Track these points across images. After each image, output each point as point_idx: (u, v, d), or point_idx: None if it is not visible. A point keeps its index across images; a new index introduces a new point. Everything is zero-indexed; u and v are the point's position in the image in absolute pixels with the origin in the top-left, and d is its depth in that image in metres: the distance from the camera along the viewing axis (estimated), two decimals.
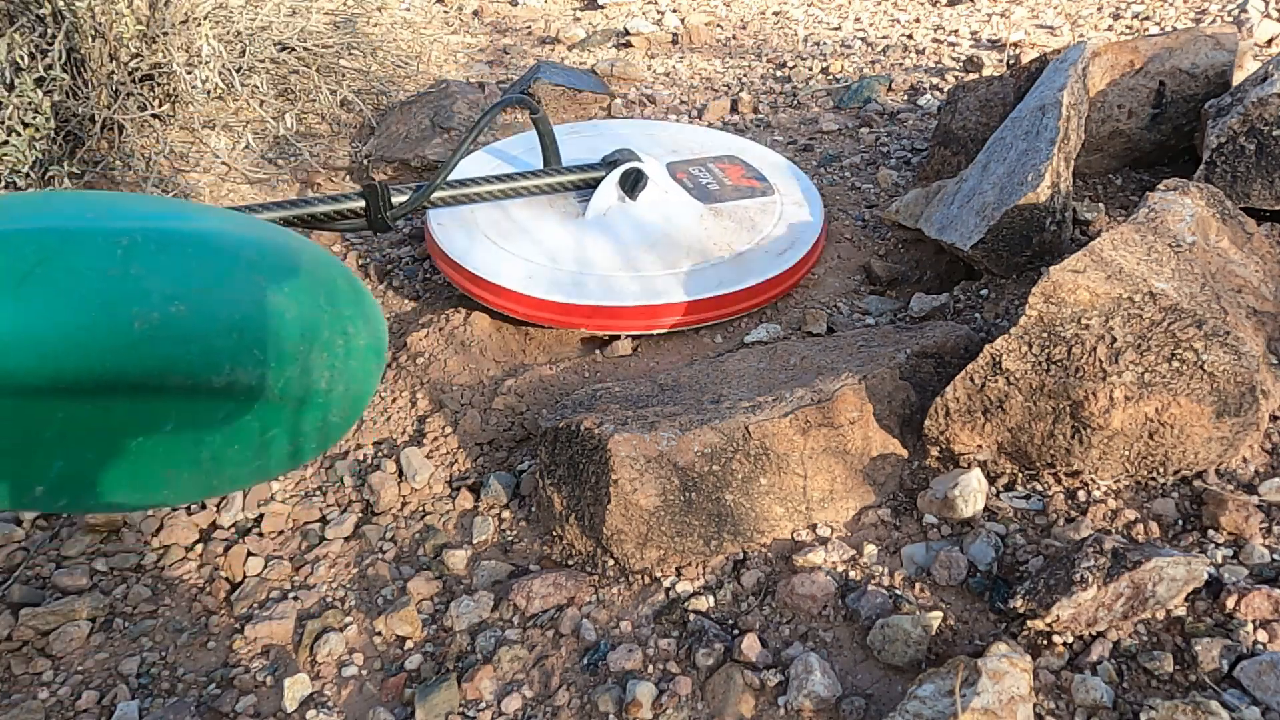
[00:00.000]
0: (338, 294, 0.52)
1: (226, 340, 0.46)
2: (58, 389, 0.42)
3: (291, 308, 0.49)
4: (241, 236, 0.49)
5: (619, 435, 0.88)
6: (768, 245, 1.25)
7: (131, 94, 1.73)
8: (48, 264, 0.43)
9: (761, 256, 1.24)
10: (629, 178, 1.29)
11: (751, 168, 1.42)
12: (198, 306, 0.45)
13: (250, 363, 0.46)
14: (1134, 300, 0.84)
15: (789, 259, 1.24)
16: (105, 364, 0.43)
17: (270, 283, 0.48)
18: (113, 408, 0.43)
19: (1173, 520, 0.83)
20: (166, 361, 0.44)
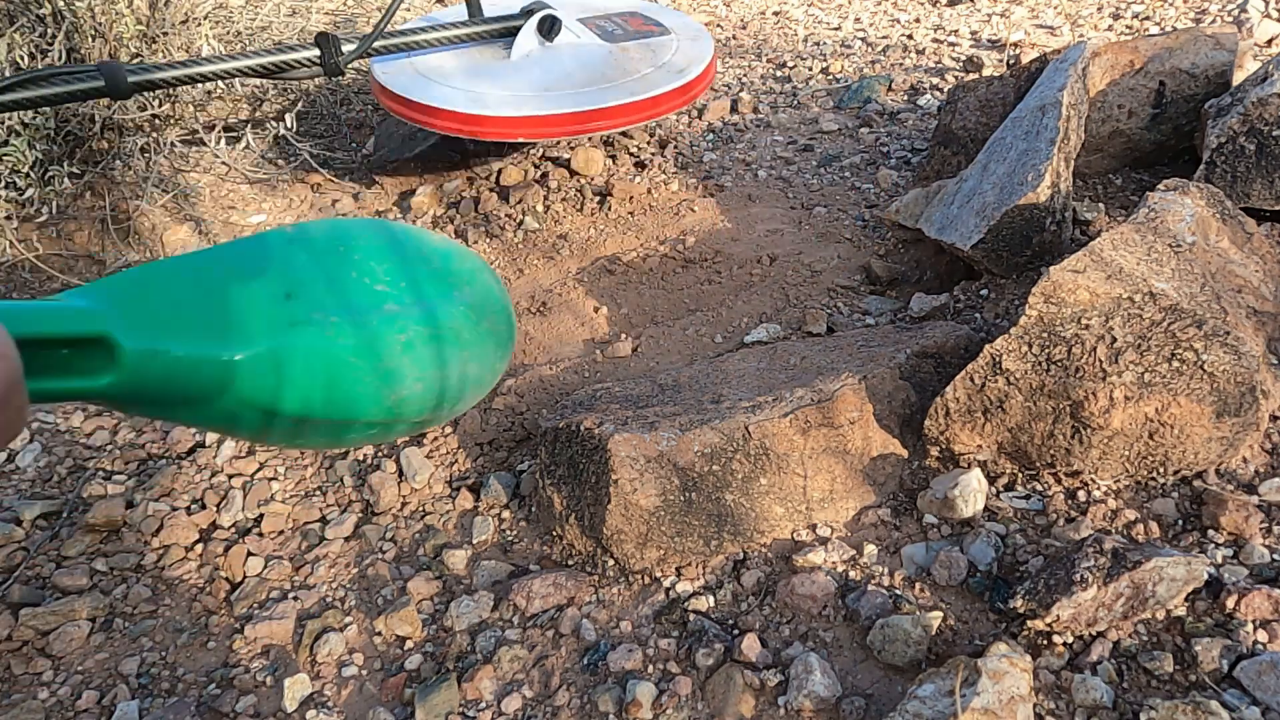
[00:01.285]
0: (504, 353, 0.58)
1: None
2: None
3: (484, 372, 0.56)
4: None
5: (619, 435, 0.88)
6: (668, 68, 1.49)
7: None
8: None
9: (664, 75, 1.46)
10: (546, 23, 1.48)
11: (649, 18, 1.65)
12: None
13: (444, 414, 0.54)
14: (1134, 300, 0.84)
15: (687, 76, 1.47)
16: None
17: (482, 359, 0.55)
18: None
19: (1173, 520, 0.83)
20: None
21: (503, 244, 1.54)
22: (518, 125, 1.37)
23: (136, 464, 1.14)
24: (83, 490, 1.09)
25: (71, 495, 1.09)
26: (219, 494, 1.07)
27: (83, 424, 1.20)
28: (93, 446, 1.17)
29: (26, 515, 1.05)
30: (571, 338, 1.28)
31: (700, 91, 1.50)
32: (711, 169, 1.75)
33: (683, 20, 1.64)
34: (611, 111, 1.38)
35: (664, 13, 1.65)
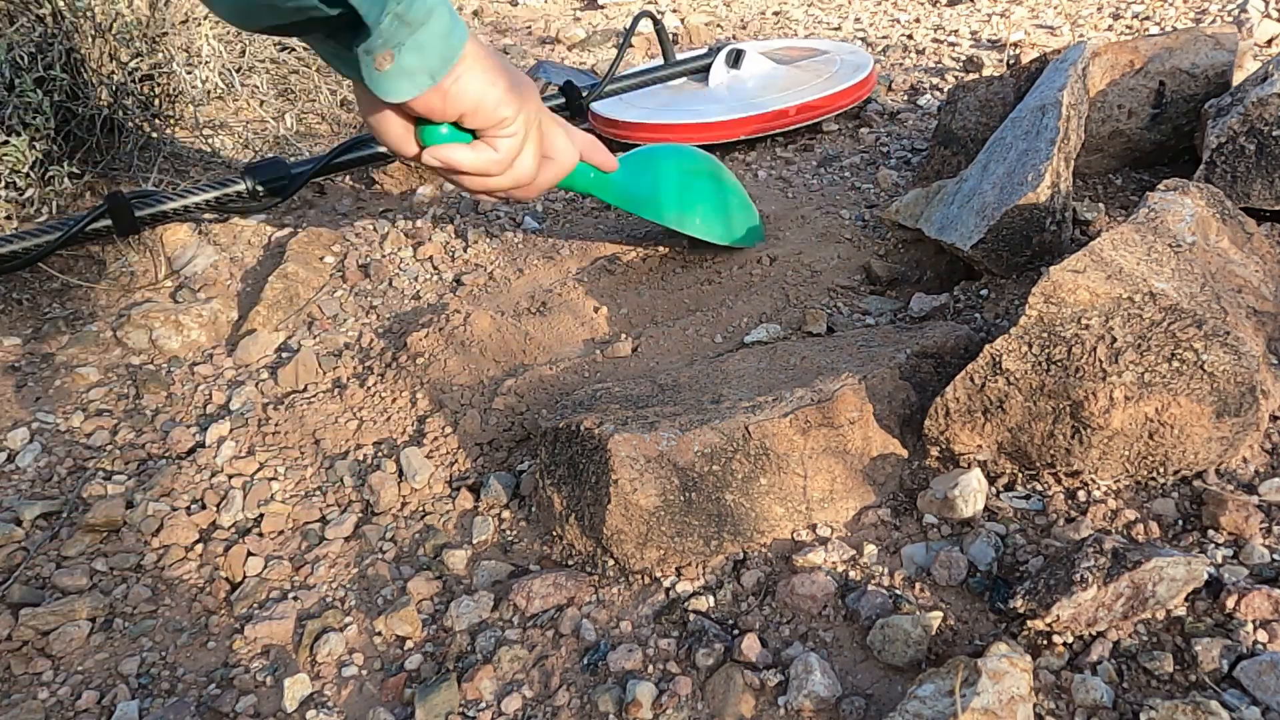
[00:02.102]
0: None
1: None
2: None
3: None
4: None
5: (619, 435, 0.88)
6: (835, 77, 1.85)
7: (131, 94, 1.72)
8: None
9: (831, 81, 1.83)
10: (732, 55, 1.90)
11: (810, 48, 2.04)
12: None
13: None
14: (1134, 300, 0.84)
15: (853, 80, 1.82)
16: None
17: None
18: None
19: (1173, 520, 0.83)
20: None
21: (503, 244, 1.54)
22: (734, 127, 1.75)
23: (136, 464, 1.14)
24: (83, 490, 1.09)
25: (71, 495, 1.09)
26: (219, 494, 1.07)
27: (83, 424, 1.20)
28: (93, 446, 1.17)
29: (26, 515, 1.05)
30: (571, 338, 1.28)
31: (865, 92, 1.87)
32: None
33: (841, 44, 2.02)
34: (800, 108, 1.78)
35: (822, 42, 2.08)
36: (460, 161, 0.72)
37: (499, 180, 0.76)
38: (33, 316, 1.44)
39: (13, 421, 1.21)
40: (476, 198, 1.65)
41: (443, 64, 0.64)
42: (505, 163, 0.74)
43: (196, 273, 1.49)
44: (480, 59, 0.67)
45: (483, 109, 0.69)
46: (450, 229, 1.61)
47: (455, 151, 0.72)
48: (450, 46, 0.64)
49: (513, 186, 0.77)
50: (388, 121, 0.70)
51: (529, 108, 0.73)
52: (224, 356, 1.32)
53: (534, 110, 0.74)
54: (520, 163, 0.75)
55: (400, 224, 1.64)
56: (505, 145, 0.73)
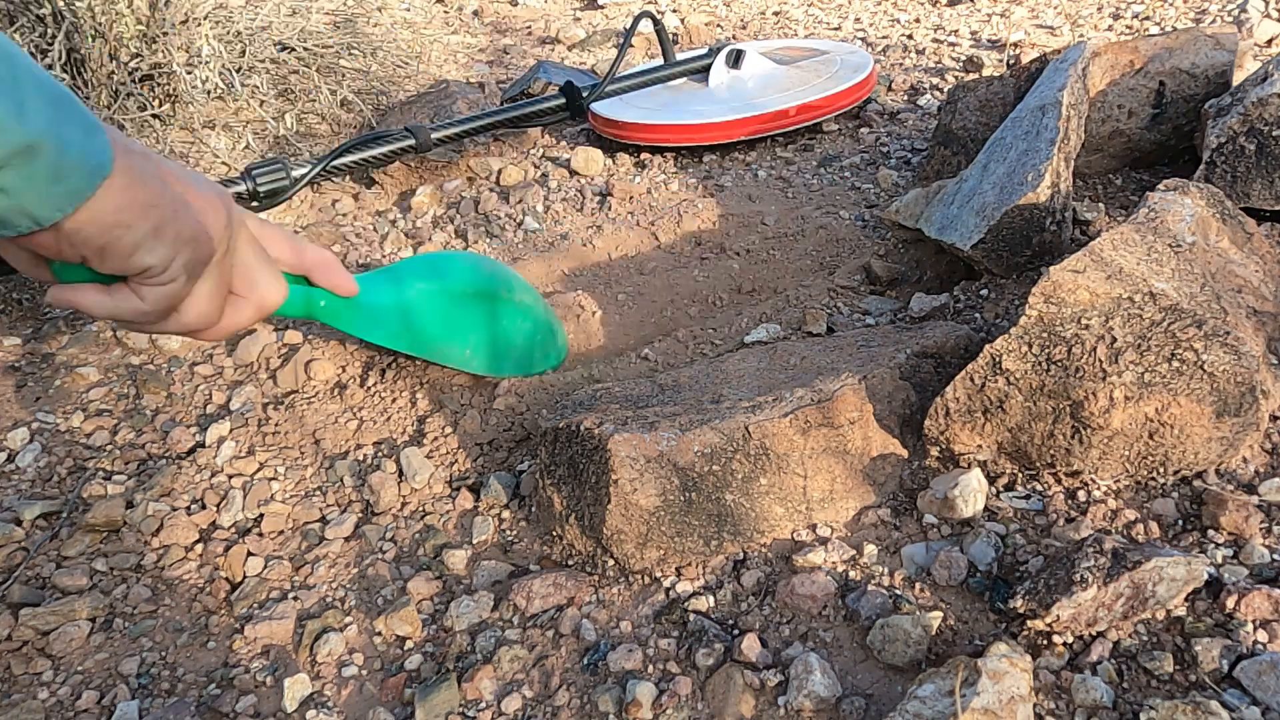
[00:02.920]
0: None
1: None
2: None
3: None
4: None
5: (619, 435, 0.88)
6: (835, 77, 1.85)
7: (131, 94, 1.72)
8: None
9: (832, 81, 1.83)
10: (732, 55, 1.89)
11: (810, 48, 2.04)
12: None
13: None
14: (1134, 300, 0.84)
15: (853, 80, 1.83)
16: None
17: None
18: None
19: (1173, 520, 0.83)
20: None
21: (503, 244, 1.54)
22: (734, 127, 1.75)
23: (136, 464, 1.14)
24: (83, 490, 1.09)
25: (71, 495, 1.09)
26: (219, 494, 1.07)
27: (83, 424, 1.20)
28: (93, 446, 1.17)
29: (26, 515, 1.05)
30: (571, 338, 1.28)
31: (866, 92, 1.88)
32: (711, 169, 1.75)
33: (841, 45, 2.02)
34: (800, 109, 1.78)
35: (823, 42, 2.07)
36: (92, 308, 0.59)
37: (159, 327, 0.63)
38: (33, 316, 1.44)
39: (13, 421, 1.21)
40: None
41: (51, 208, 0.50)
42: (156, 314, 0.60)
43: None
44: (122, 194, 0.53)
45: (113, 257, 0.54)
46: (450, 229, 1.61)
47: (86, 296, 0.58)
48: (63, 190, 0.50)
49: (185, 332, 0.64)
50: (8, 248, 0.56)
51: (195, 249, 0.58)
52: (224, 356, 1.32)
53: (206, 248, 0.60)
54: (187, 310, 0.61)
55: (400, 224, 1.64)
56: (154, 295, 0.58)
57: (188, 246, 0.58)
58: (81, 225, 0.52)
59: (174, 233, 0.56)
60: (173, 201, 0.56)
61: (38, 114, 0.48)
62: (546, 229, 1.58)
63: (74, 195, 0.51)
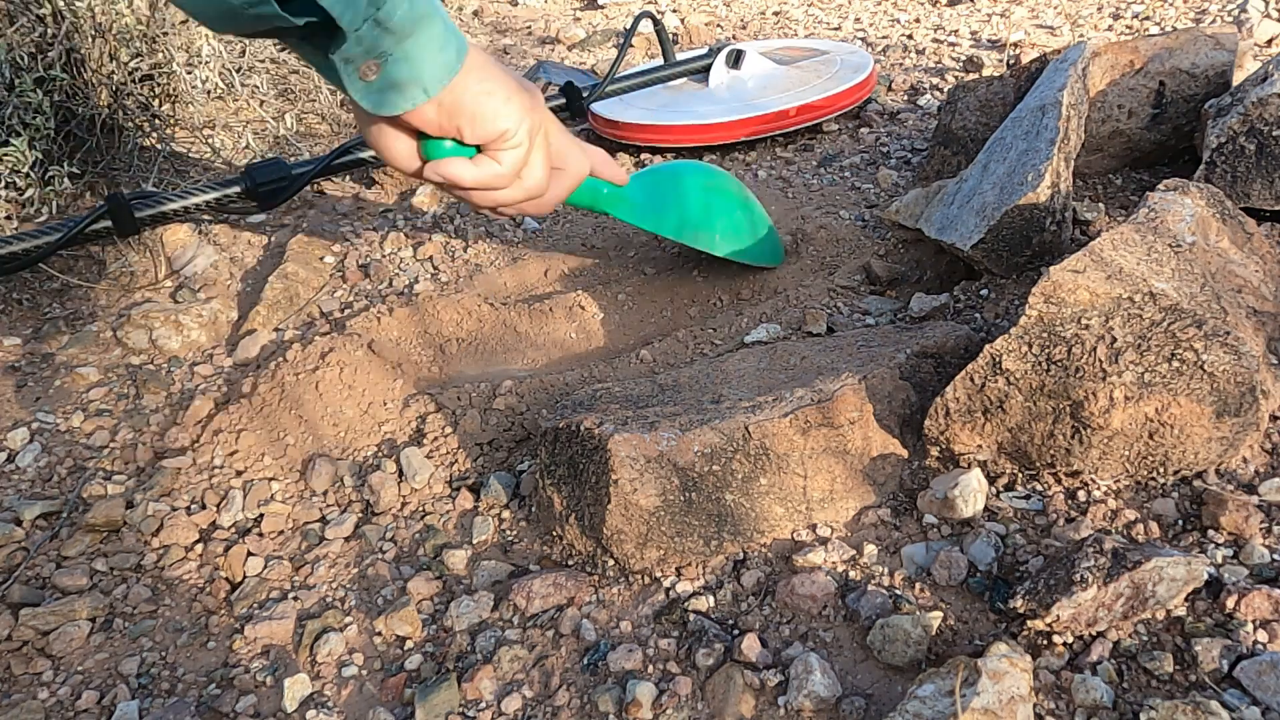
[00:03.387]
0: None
1: None
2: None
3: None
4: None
5: (619, 435, 0.88)
6: (835, 76, 1.85)
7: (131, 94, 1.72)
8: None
9: (832, 81, 1.83)
10: (732, 55, 1.89)
11: (810, 48, 2.04)
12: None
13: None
14: (1134, 300, 0.84)
15: (855, 78, 1.83)
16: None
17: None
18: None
19: (1173, 520, 0.83)
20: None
21: (503, 244, 1.54)
22: (734, 128, 1.75)
23: (136, 464, 1.14)
24: (83, 490, 1.09)
25: (71, 495, 1.09)
26: (219, 494, 1.07)
27: (83, 424, 1.20)
28: (93, 446, 1.17)
29: (26, 515, 1.05)
30: (571, 337, 1.28)
31: (866, 93, 1.88)
32: None
33: (841, 45, 2.02)
34: (800, 109, 1.78)
35: (823, 42, 2.08)
36: (463, 177, 0.69)
37: (507, 194, 0.73)
38: (33, 316, 1.44)
39: (13, 421, 1.21)
40: (485, 214, 1.62)
41: (437, 78, 0.61)
42: (510, 177, 0.71)
43: (196, 273, 1.49)
44: (479, 69, 0.64)
45: (481, 122, 0.66)
46: (450, 229, 1.61)
47: (457, 167, 0.69)
48: (445, 60, 0.61)
49: (523, 200, 0.75)
50: (385, 136, 0.67)
51: (533, 117, 0.70)
52: (224, 356, 1.32)
53: (539, 120, 0.71)
54: (528, 175, 0.73)
55: (400, 224, 1.64)
56: (509, 158, 0.70)
57: (528, 114, 0.69)
58: (457, 94, 0.63)
59: (519, 101, 0.68)
60: (511, 77, 0.68)
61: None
62: (547, 229, 1.58)
63: (450, 66, 0.62)
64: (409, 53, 0.59)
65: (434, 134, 0.67)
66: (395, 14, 0.56)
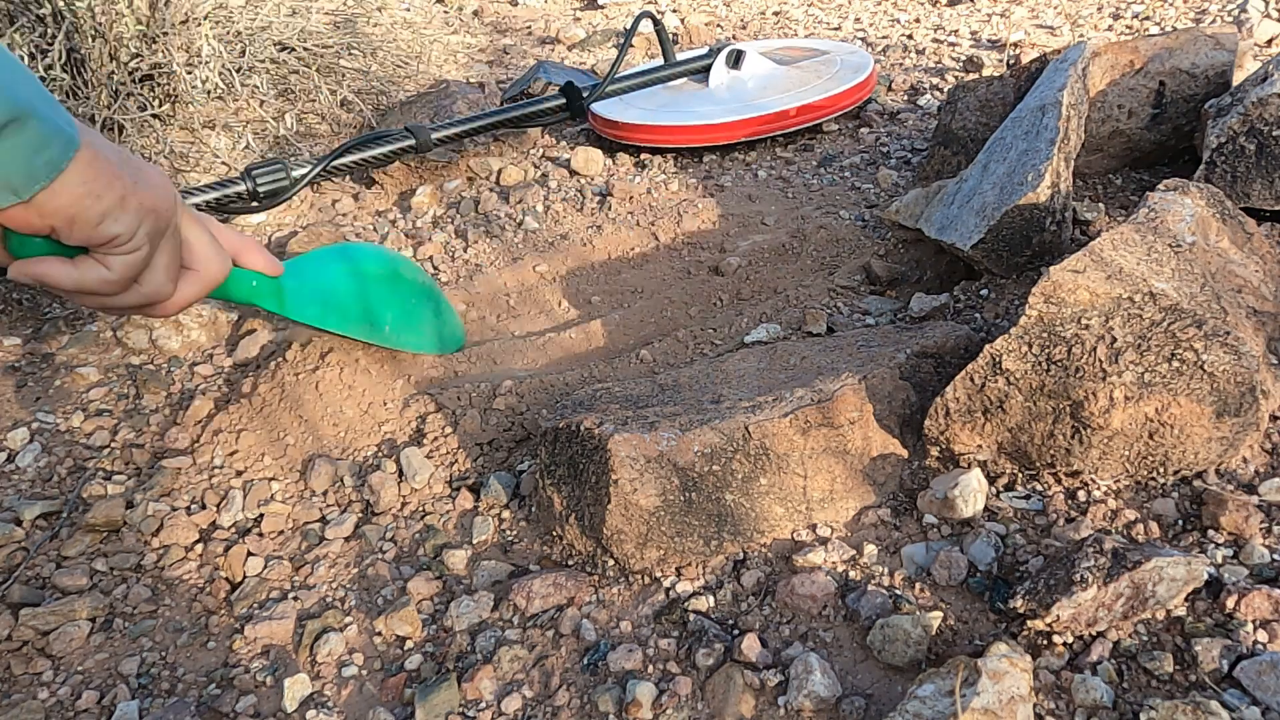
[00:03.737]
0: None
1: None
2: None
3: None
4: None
5: (619, 435, 0.88)
6: (835, 76, 1.85)
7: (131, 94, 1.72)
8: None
9: (832, 81, 1.83)
10: (733, 55, 1.89)
11: (810, 48, 2.04)
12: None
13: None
14: (1134, 300, 0.84)
15: (855, 78, 1.83)
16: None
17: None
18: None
19: (1173, 520, 0.83)
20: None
21: (503, 244, 1.54)
22: (735, 128, 1.74)
23: (136, 464, 1.14)
24: (83, 490, 1.09)
25: (71, 495, 1.09)
26: (219, 494, 1.07)
27: (83, 424, 1.20)
28: (93, 446, 1.17)
29: (26, 515, 1.05)
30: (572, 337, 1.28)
31: (866, 93, 1.88)
32: (711, 169, 1.75)
33: (841, 45, 2.02)
34: (801, 109, 1.78)
35: (823, 42, 2.08)
36: (58, 280, 0.61)
37: (120, 299, 0.64)
38: (33, 316, 1.44)
39: (13, 421, 1.21)
40: (97, 311, 1.41)
41: (31, 180, 0.54)
42: (121, 283, 0.63)
43: None
44: (88, 167, 0.56)
45: (81, 224, 0.57)
46: (450, 229, 1.61)
47: (51, 269, 0.60)
48: (42, 161, 0.53)
49: (141, 305, 0.66)
50: None
51: (155, 220, 0.61)
52: (224, 356, 1.32)
53: (164, 220, 0.63)
54: (148, 280, 0.64)
55: (400, 224, 1.64)
56: (120, 264, 0.61)
57: (150, 216, 0.61)
58: (56, 195, 0.55)
59: (137, 202, 0.59)
60: (134, 172, 0.59)
61: (24, 86, 0.52)
62: (546, 229, 1.58)
63: (51, 167, 0.54)
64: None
65: (25, 233, 0.58)
66: None
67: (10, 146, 0.52)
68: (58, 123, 0.54)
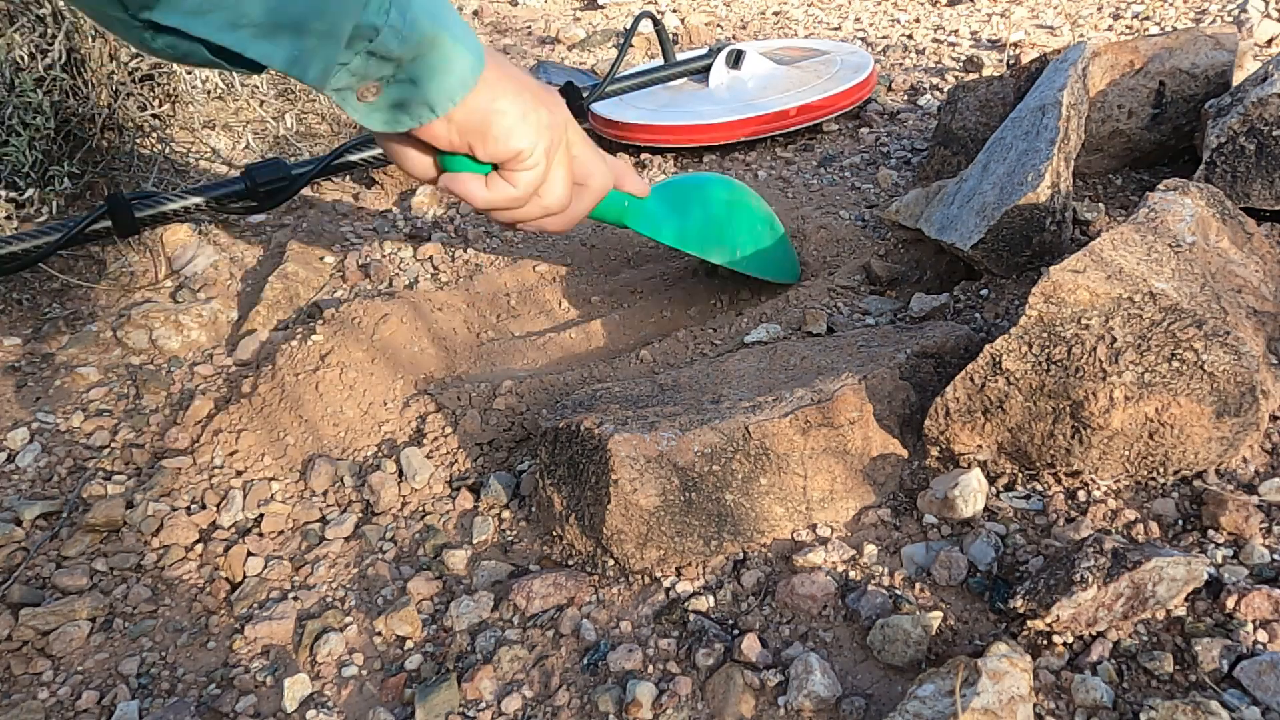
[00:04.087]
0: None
1: None
2: None
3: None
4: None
5: (619, 435, 0.88)
6: (835, 76, 1.85)
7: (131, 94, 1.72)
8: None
9: (832, 81, 1.83)
10: (732, 55, 1.89)
11: (810, 48, 2.04)
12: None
13: None
14: (1134, 300, 0.84)
15: (855, 78, 1.83)
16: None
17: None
18: None
19: (1173, 520, 0.83)
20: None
21: (502, 243, 1.54)
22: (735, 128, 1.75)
23: (136, 464, 1.14)
24: (83, 490, 1.09)
25: (71, 495, 1.09)
26: (219, 494, 1.07)
27: (83, 424, 1.20)
28: (93, 446, 1.17)
29: (26, 515, 1.05)
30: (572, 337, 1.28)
31: (866, 93, 1.87)
32: (711, 169, 1.75)
33: (841, 45, 2.02)
34: (801, 109, 1.78)
35: (823, 42, 2.08)
36: (475, 196, 0.67)
37: (525, 211, 0.70)
38: (33, 316, 1.44)
39: (13, 421, 1.21)
40: (504, 229, 1.57)
41: (445, 96, 0.59)
42: (524, 198, 0.68)
43: (196, 273, 1.49)
44: (494, 84, 0.61)
45: (492, 142, 0.63)
46: (451, 229, 1.61)
47: (470, 185, 0.66)
48: (454, 78, 0.58)
49: (542, 217, 0.72)
50: (398, 147, 0.65)
51: (552, 134, 0.66)
52: (224, 356, 1.32)
53: (559, 136, 0.68)
54: (548, 193, 0.69)
55: (400, 224, 1.64)
56: (523, 180, 0.67)
57: (546, 132, 0.66)
58: (468, 113, 0.61)
59: (536, 119, 0.64)
60: (532, 91, 0.65)
61: (435, 9, 0.56)
62: None
63: (461, 85, 0.59)
64: (412, 74, 0.56)
65: (446, 149, 0.64)
66: (393, 43, 0.54)
67: (430, 64, 0.56)
68: (465, 44, 0.58)
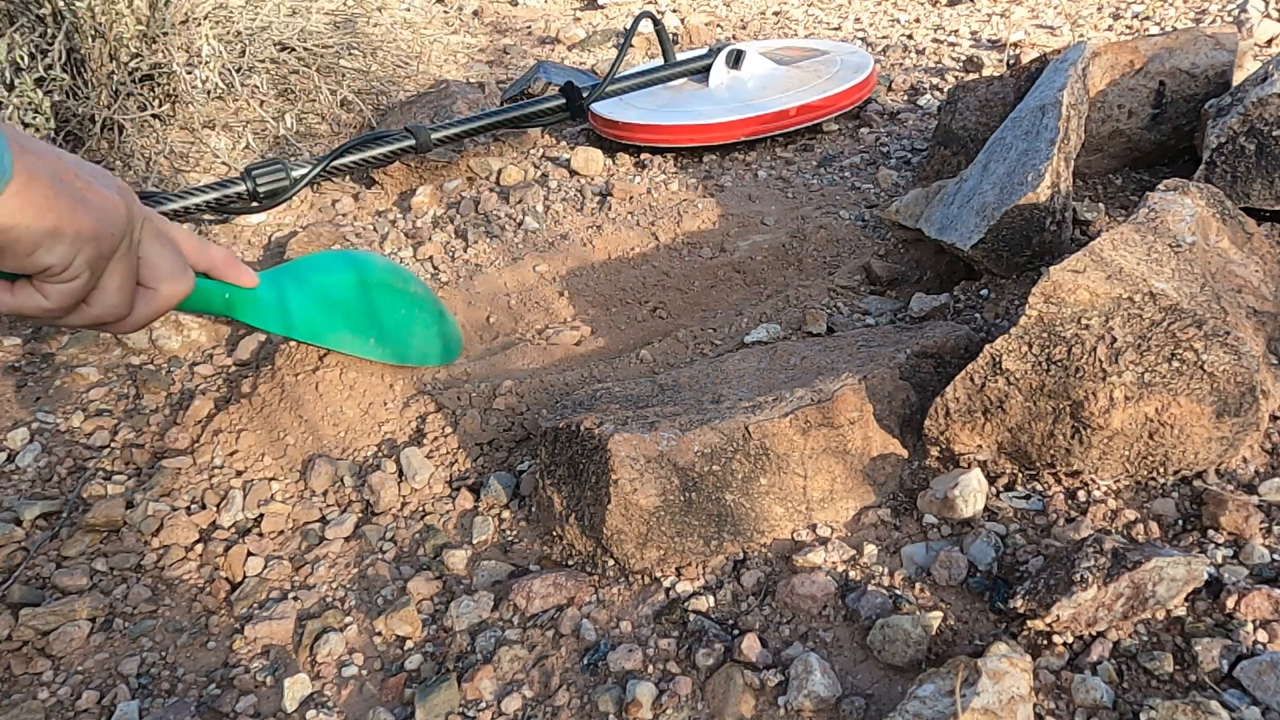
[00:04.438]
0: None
1: None
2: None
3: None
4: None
5: (619, 435, 0.88)
6: (835, 76, 1.85)
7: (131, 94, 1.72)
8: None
9: (832, 81, 1.83)
10: (732, 55, 1.89)
11: (810, 48, 2.04)
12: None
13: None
14: (1134, 300, 0.84)
15: (855, 78, 1.83)
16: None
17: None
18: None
19: (1173, 520, 0.83)
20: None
21: (503, 244, 1.54)
22: (735, 128, 1.74)
23: (136, 464, 1.14)
24: (83, 490, 1.09)
25: (71, 495, 1.09)
26: (219, 494, 1.07)
27: (83, 424, 1.20)
28: (93, 446, 1.17)
29: (26, 515, 1.05)
30: (572, 337, 1.28)
31: (866, 93, 1.87)
32: (711, 169, 1.75)
33: (841, 45, 2.03)
34: (801, 109, 1.78)
35: (823, 42, 2.08)
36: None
37: (69, 320, 0.64)
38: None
39: (13, 421, 1.21)
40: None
41: None
42: (60, 310, 0.62)
43: None
44: (16, 197, 0.54)
45: (12, 255, 0.56)
46: (450, 229, 1.61)
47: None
48: None
49: (95, 325, 0.66)
50: None
51: (99, 245, 0.60)
52: (224, 356, 1.32)
53: (113, 242, 0.61)
54: (98, 302, 0.63)
55: (400, 224, 1.64)
56: (57, 292, 0.60)
57: (89, 244, 0.59)
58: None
59: (74, 231, 0.58)
60: (70, 200, 0.57)
61: None
62: (546, 229, 1.58)
63: None
64: None
65: None
66: None
67: None
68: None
